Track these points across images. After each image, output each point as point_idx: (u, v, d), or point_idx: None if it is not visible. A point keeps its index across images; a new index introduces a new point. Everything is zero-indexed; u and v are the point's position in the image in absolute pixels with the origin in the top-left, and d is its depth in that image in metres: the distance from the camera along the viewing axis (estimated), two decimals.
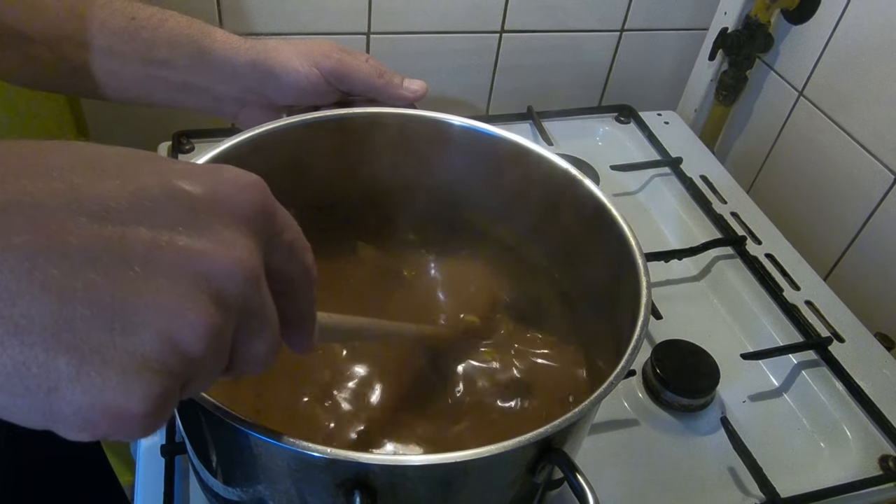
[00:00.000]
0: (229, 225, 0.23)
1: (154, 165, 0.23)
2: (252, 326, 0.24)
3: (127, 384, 0.20)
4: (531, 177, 0.49)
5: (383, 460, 0.31)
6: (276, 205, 0.26)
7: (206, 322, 0.22)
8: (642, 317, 0.39)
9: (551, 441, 0.33)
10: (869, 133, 0.73)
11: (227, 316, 0.23)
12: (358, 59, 0.55)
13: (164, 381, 0.21)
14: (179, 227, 0.22)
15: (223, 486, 0.39)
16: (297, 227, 0.27)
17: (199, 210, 0.23)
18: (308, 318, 0.30)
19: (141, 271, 0.21)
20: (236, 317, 0.23)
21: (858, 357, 0.61)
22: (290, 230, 0.27)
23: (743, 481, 0.52)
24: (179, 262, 0.22)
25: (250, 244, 0.24)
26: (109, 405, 0.20)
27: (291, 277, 0.27)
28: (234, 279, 0.23)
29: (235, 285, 0.23)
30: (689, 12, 0.87)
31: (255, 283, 0.24)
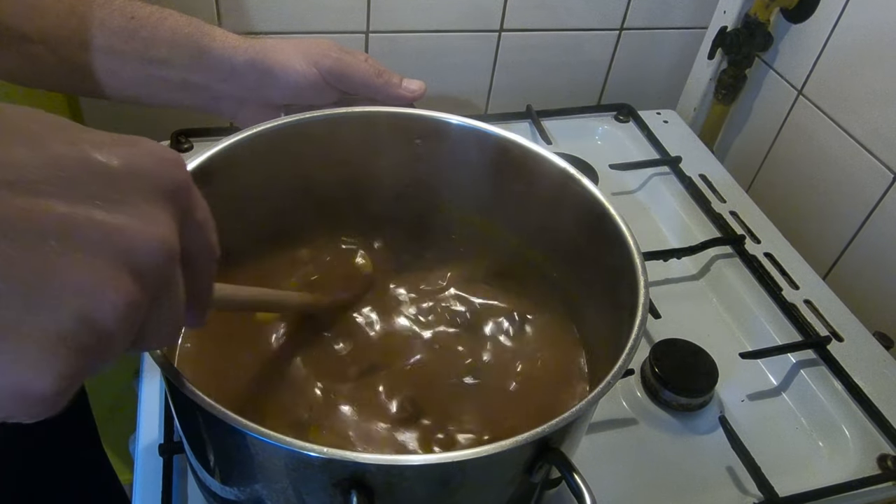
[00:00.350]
0: (149, 199, 0.23)
1: (70, 134, 0.22)
2: (163, 303, 0.24)
3: (40, 362, 0.20)
4: (530, 176, 0.49)
5: (380, 460, 0.31)
6: (191, 182, 0.26)
7: (125, 300, 0.21)
8: (640, 316, 0.39)
9: (549, 441, 0.33)
10: (868, 132, 0.73)
11: (145, 293, 0.22)
12: (357, 59, 0.55)
13: (77, 359, 0.21)
14: (97, 201, 0.21)
15: (221, 485, 0.39)
16: (206, 204, 0.27)
17: (118, 183, 0.22)
18: (206, 294, 0.30)
19: (57, 246, 0.20)
20: (153, 291, 0.23)
21: (857, 356, 0.61)
22: (201, 208, 0.27)
23: (741, 480, 0.52)
24: (98, 238, 0.21)
25: (170, 221, 0.24)
26: (19, 384, 0.20)
27: (197, 255, 0.27)
28: (154, 256, 0.22)
29: (156, 262, 0.23)
30: (689, 11, 0.87)
31: (173, 260, 0.24)
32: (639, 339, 0.37)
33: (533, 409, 0.45)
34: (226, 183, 0.45)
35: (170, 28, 0.51)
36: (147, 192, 0.23)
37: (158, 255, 0.23)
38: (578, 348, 0.50)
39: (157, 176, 0.23)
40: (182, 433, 0.43)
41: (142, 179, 0.23)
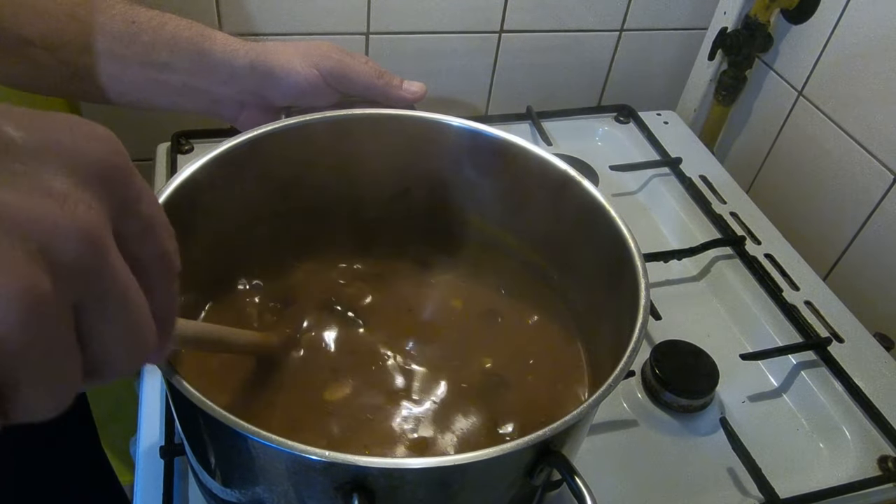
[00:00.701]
0: (62, 176, 0.19)
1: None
2: (104, 306, 0.20)
3: None
4: (530, 177, 0.49)
5: (381, 463, 0.31)
6: (131, 166, 0.22)
7: (18, 285, 0.17)
8: (641, 318, 0.39)
9: (550, 444, 0.33)
10: (868, 133, 0.73)
11: (58, 285, 0.18)
12: (357, 61, 0.56)
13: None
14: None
15: (222, 487, 0.39)
16: (157, 202, 0.23)
17: (24, 157, 0.19)
18: (166, 319, 0.24)
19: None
20: (74, 289, 0.19)
21: (858, 357, 0.61)
22: (148, 202, 0.22)
23: (742, 482, 0.52)
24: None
25: (90, 201, 0.19)
26: None
27: (147, 263, 0.22)
28: (63, 237, 0.18)
29: (67, 246, 0.18)
30: (689, 12, 0.87)
31: (98, 248, 0.19)
32: (640, 341, 0.37)
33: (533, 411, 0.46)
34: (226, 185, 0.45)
35: (170, 32, 0.51)
36: (63, 167, 0.19)
37: (70, 236, 0.18)
38: (579, 350, 0.50)
39: (80, 150, 0.20)
40: (183, 435, 0.43)
41: (56, 153, 0.19)
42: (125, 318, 0.21)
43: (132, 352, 0.21)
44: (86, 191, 0.19)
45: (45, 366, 0.19)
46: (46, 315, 0.18)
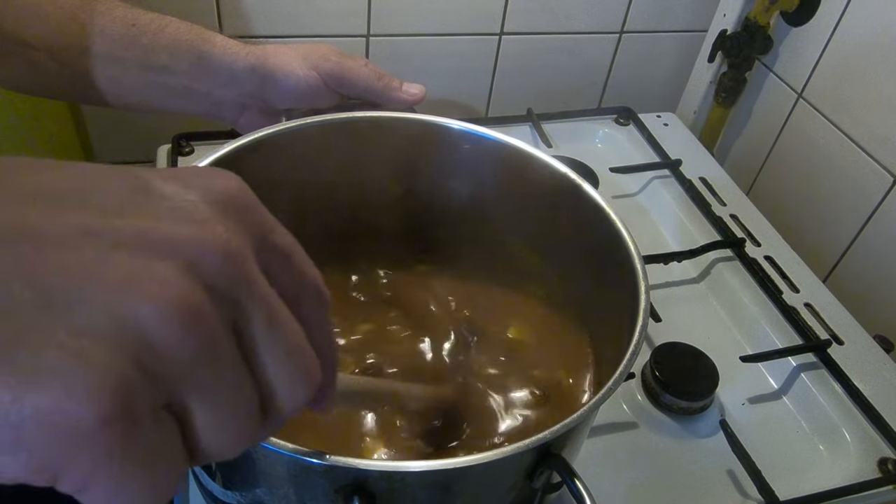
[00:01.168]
0: (203, 206, 0.20)
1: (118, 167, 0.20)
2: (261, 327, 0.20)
3: (65, 372, 0.16)
4: (530, 180, 0.49)
5: (382, 466, 0.31)
6: (258, 202, 0.22)
7: (171, 295, 0.17)
8: (641, 320, 0.39)
9: (550, 446, 0.34)
10: (868, 135, 0.73)
11: (209, 296, 0.18)
12: (357, 63, 0.56)
13: (120, 371, 0.16)
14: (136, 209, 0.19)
15: (222, 490, 0.39)
16: (291, 236, 0.23)
17: (163, 196, 0.19)
18: (328, 350, 0.23)
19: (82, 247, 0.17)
20: (227, 304, 0.19)
21: (857, 359, 0.61)
22: (282, 234, 0.22)
23: (742, 484, 0.52)
24: (134, 236, 0.18)
25: (231, 225, 0.20)
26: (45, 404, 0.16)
27: (295, 294, 0.22)
28: (208, 253, 0.19)
29: (213, 260, 0.19)
30: (689, 14, 0.88)
31: (242, 264, 0.19)
32: (640, 344, 0.37)
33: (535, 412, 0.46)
34: None
35: (170, 35, 0.51)
36: (200, 202, 0.20)
37: (217, 255, 0.19)
38: (579, 351, 0.50)
39: (211, 188, 0.20)
40: None
41: (194, 192, 0.20)
42: (283, 342, 0.20)
43: (297, 381, 0.21)
44: (224, 219, 0.20)
45: (216, 386, 0.19)
46: (207, 327, 0.18)
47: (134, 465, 0.17)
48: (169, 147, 0.73)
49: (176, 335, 0.17)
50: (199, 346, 0.18)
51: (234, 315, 0.19)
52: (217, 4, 0.73)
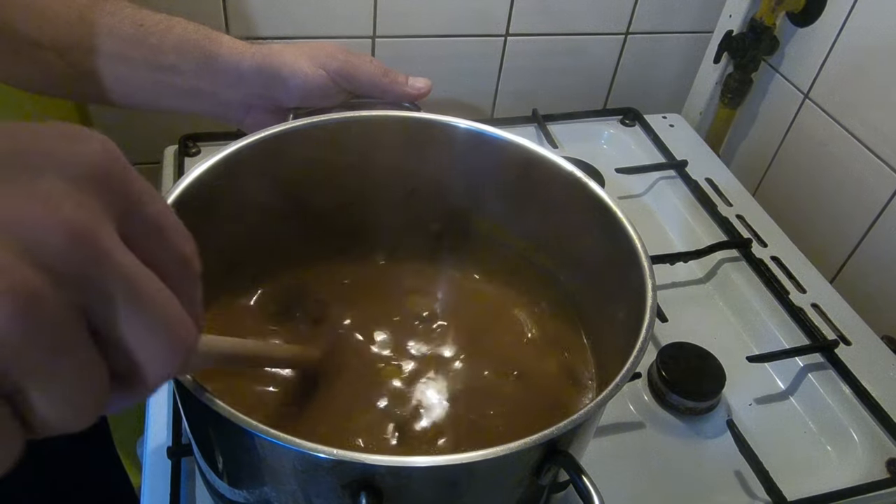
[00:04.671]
0: (48, 179, 0.18)
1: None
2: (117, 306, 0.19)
3: None
4: (536, 180, 0.49)
5: (389, 461, 0.31)
6: (128, 169, 0.21)
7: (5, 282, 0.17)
8: (647, 319, 0.39)
9: (557, 443, 0.34)
10: (874, 135, 0.73)
11: (53, 284, 0.18)
12: (362, 60, 0.56)
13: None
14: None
15: (229, 487, 0.39)
16: (166, 204, 0.22)
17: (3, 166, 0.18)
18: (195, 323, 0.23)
19: None
20: (75, 288, 0.18)
21: (865, 360, 0.60)
22: (153, 204, 0.21)
23: (749, 484, 0.52)
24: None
25: (83, 199, 0.19)
26: None
27: (163, 266, 0.21)
28: (49, 234, 0.18)
29: (54, 242, 0.18)
30: (694, 15, 0.88)
31: (91, 244, 0.19)
32: (646, 342, 0.37)
33: (541, 411, 0.46)
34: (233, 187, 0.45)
35: (178, 35, 0.52)
36: (49, 170, 0.18)
37: (59, 236, 0.18)
38: (586, 351, 0.50)
39: (68, 156, 0.19)
40: (191, 435, 0.43)
41: (41, 157, 0.19)
42: (147, 317, 0.20)
43: (163, 351, 0.21)
44: (76, 192, 0.19)
45: (53, 370, 0.18)
46: (43, 313, 0.17)
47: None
48: (176, 147, 0.73)
49: (7, 324, 0.17)
50: (34, 334, 0.17)
51: (84, 295, 0.19)
52: (224, 6, 0.73)
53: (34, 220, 0.18)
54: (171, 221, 0.22)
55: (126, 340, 0.20)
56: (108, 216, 0.19)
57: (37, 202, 0.18)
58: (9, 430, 0.18)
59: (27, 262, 0.17)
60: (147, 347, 0.20)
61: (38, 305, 0.17)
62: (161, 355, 0.21)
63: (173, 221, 0.23)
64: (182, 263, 0.23)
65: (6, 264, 0.17)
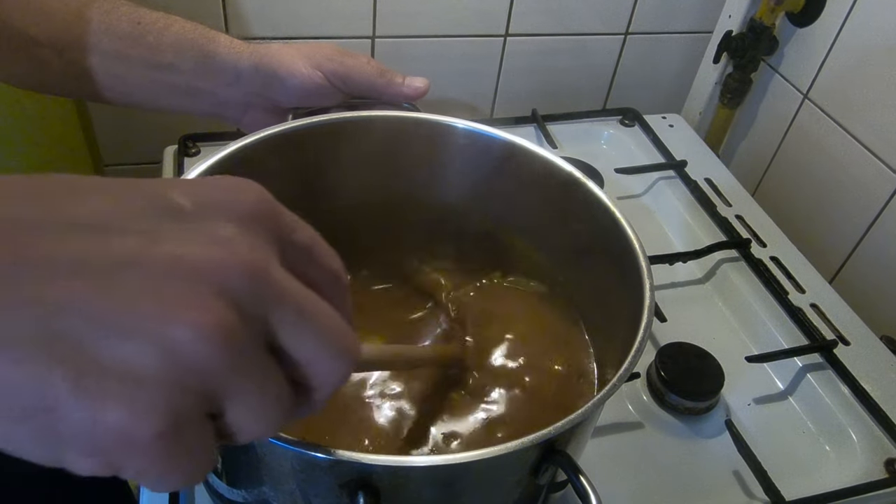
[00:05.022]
0: (224, 226, 0.22)
1: (145, 184, 0.22)
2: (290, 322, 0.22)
3: (127, 397, 0.19)
4: (535, 179, 0.49)
5: (387, 461, 0.31)
6: (277, 204, 0.24)
7: (207, 320, 0.20)
8: (645, 319, 0.39)
9: (554, 443, 0.34)
10: (874, 136, 0.73)
11: (242, 316, 0.21)
12: (360, 61, 0.56)
13: (169, 393, 0.19)
14: (169, 234, 0.21)
15: (228, 487, 0.39)
16: (312, 229, 0.25)
17: (189, 216, 0.22)
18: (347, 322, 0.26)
19: (128, 277, 0.19)
20: (259, 315, 0.21)
21: (864, 360, 0.60)
22: (302, 231, 0.25)
23: (748, 484, 0.52)
24: (170, 264, 0.20)
25: (253, 240, 0.22)
26: (113, 423, 0.19)
27: (320, 283, 0.25)
28: (234, 275, 0.21)
29: (239, 281, 0.21)
30: (694, 15, 0.88)
31: (264, 277, 0.22)
32: (644, 342, 0.37)
33: (539, 411, 0.46)
34: None
35: (175, 34, 0.52)
36: (223, 218, 0.22)
37: (242, 273, 0.21)
38: (584, 350, 0.50)
39: (232, 201, 0.23)
40: None
41: (215, 208, 0.22)
42: (316, 331, 0.23)
43: (333, 360, 0.23)
44: (246, 234, 0.22)
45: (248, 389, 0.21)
46: (240, 344, 0.21)
47: (179, 459, 0.20)
48: (175, 147, 0.73)
49: (214, 355, 0.20)
50: (233, 361, 0.20)
51: (264, 322, 0.22)
52: (223, 6, 0.73)
53: (222, 265, 0.21)
54: (318, 242, 0.25)
55: (301, 354, 0.23)
56: (273, 251, 0.23)
57: (220, 248, 0.21)
58: (210, 445, 0.21)
59: (223, 302, 0.20)
60: (320, 359, 0.23)
61: (235, 338, 0.20)
62: (331, 363, 0.23)
63: (319, 242, 0.26)
64: (334, 279, 0.26)
65: (211, 306, 0.20)
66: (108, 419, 0.19)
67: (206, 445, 0.21)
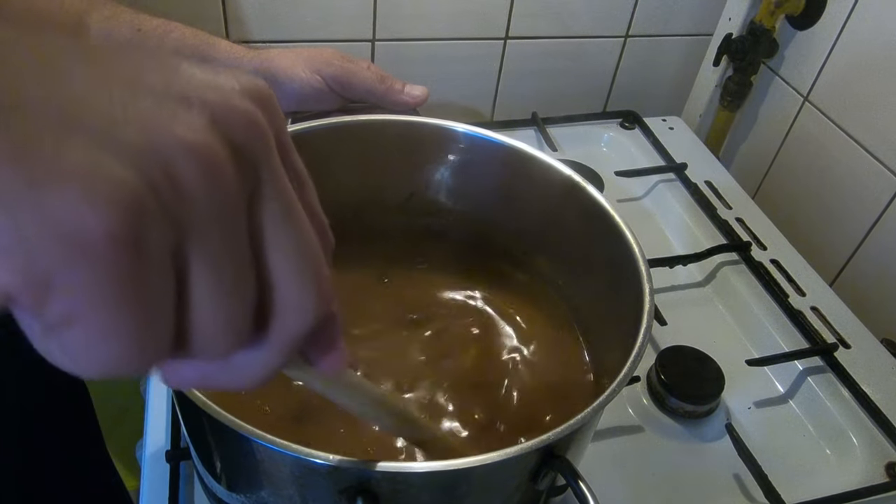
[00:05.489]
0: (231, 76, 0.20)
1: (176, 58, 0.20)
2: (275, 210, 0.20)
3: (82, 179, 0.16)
4: (535, 183, 0.49)
5: (386, 467, 0.31)
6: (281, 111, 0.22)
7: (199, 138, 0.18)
8: (645, 323, 0.39)
9: (553, 448, 0.33)
10: (874, 138, 0.73)
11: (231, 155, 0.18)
12: (359, 66, 0.56)
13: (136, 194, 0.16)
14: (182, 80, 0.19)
15: (227, 491, 0.39)
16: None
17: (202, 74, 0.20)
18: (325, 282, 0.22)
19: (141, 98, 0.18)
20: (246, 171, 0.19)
21: (864, 363, 0.60)
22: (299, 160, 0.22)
23: (748, 488, 0.52)
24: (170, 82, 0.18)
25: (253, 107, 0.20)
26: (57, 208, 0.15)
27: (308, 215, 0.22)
28: (236, 116, 0.19)
29: (239, 122, 0.19)
30: (694, 18, 0.88)
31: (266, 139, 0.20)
32: (644, 346, 0.37)
33: (538, 416, 0.45)
34: None
35: (175, 40, 0.52)
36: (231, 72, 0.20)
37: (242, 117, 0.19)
38: (584, 354, 0.50)
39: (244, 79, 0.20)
40: (189, 440, 0.43)
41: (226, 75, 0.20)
42: (296, 238, 0.20)
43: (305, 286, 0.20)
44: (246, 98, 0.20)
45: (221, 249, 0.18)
46: (223, 180, 0.18)
47: (127, 306, 0.17)
48: None
49: (195, 177, 0.17)
50: (214, 196, 0.18)
51: (251, 187, 0.19)
52: (223, 10, 0.73)
53: (224, 96, 0.19)
54: (311, 184, 0.23)
55: (276, 264, 0.20)
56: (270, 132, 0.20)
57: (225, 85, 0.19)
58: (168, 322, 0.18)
59: (215, 132, 0.18)
60: (291, 277, 0.20)
61: (222, 171, 0.18)
62: (304, 291, 0.20)
63: (312, 185, 0.23)
64: (322, 231, 0.23)
65: (201, 126, 0.18)
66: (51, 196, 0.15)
67: (163, 305, 0.18)
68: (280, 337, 0.21)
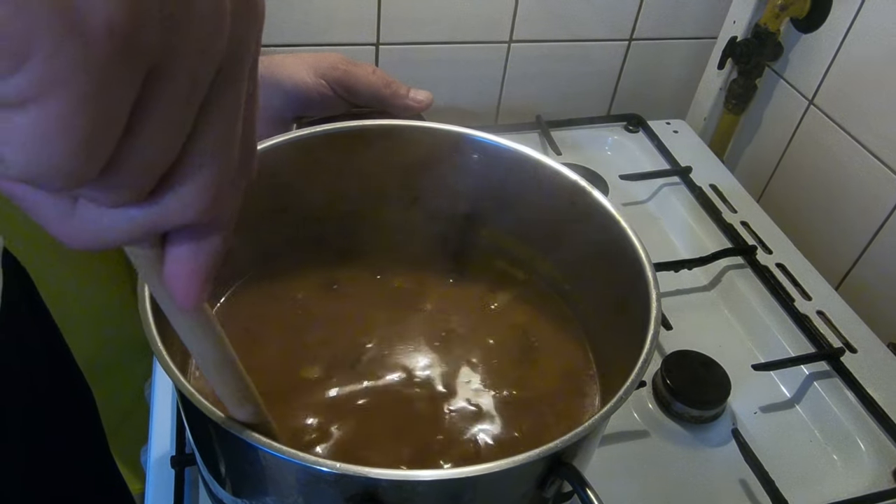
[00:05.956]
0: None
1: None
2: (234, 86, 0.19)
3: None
4: (539, 187, 0.49)
5: (392, 475, 0.31)
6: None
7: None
8: (652, 328, 0.38)
9: (561, 455, 0.33)
10: (880, 141, 0.72)
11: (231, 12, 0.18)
12: (364, 70, 0.56)
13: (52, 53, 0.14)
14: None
15: (232, 498, 0.39)
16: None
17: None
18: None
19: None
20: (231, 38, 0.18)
21: (871, 368, 0.60)
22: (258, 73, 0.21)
23: (754, 494, 0.52)
24: None
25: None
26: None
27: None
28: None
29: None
30: (698, 21, 0.87)
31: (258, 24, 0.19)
32: (651, 352, 0.37)
33: (544, 421, 0.45)
34: None
35: None
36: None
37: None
38: (590, 360, 0.50)
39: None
40: (194, 445, 0.43)
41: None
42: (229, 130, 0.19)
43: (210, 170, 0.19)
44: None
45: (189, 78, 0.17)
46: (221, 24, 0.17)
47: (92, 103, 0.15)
48: None
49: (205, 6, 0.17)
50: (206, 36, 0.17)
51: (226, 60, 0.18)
52: None
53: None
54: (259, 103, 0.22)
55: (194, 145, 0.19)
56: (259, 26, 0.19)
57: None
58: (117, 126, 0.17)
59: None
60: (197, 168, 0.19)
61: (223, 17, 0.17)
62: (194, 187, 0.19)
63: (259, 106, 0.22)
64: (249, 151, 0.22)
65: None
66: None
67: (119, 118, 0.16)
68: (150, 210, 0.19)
